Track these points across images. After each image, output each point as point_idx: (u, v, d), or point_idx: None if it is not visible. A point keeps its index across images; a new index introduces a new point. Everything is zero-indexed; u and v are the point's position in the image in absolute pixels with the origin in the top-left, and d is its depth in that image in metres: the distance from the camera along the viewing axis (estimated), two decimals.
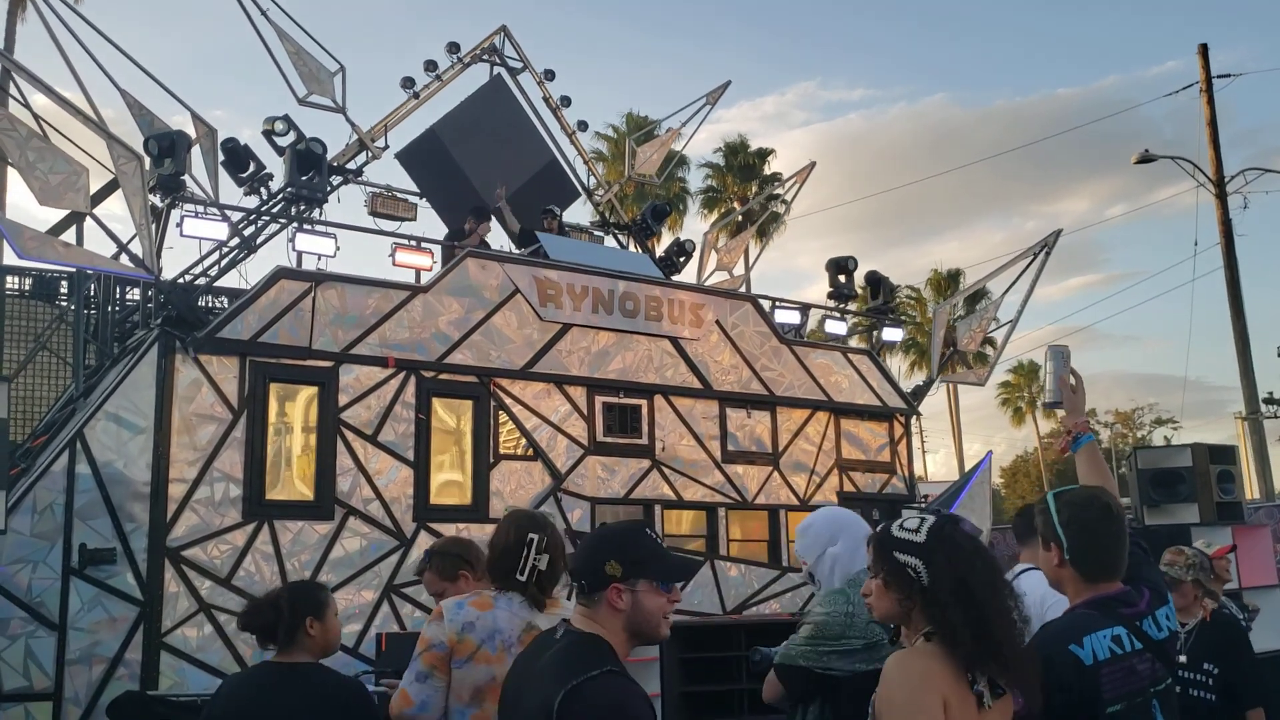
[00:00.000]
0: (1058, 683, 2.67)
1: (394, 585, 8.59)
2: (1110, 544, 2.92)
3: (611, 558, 2.69)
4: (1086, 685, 2.70)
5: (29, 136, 7.36)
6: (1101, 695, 2.70)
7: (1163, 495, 10.42)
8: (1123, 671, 2.75)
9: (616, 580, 2.66)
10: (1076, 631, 2.78)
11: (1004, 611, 2.46)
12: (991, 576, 2.51)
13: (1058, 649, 2.74)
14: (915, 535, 2.53)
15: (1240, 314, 21.08)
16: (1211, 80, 21.51)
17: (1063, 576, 2.96)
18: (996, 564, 2.57)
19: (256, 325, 8.31)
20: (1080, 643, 2.74)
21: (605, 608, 2.66)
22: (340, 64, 10.68)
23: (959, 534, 2.56)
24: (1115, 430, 61.99)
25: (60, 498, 7.54)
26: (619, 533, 2.88)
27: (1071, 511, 2.95)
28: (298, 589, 3.86)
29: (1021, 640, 2.50)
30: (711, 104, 14.34)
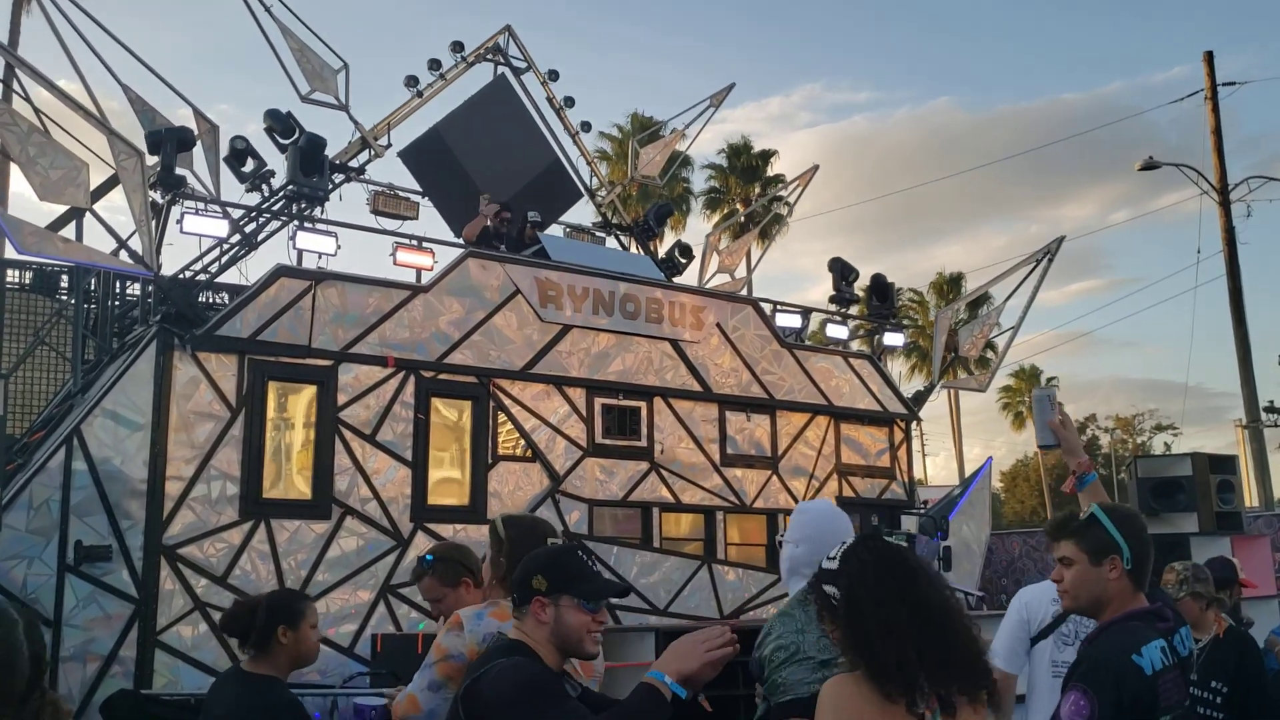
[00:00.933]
0: (1129, 693, 2.71)
1: (390, 585, 8.57)
2: (1150, 554, 3.04)
3: (539, 573, 2.90)
4: (1148, 694, 2.74)
5: (30, 131, 7.33)
6: (1159, 704, 2.75)
7: (1162, 504, 10.39)
8: (1171, 682, 2.81)
9: (540, 594, 2.87)
10: (1136, 642, 2.82)
11: (927, 623, 2.28)
12: (909, 587, 2.33)
13: (1122, 660, 2.77)
14: (833, 563, 2.46)
15: (1242, 322, 21.05)
16: (1216, 88, 21.47)
17: (1114, 590, 2.97)
18: (920, 572, 2.38)
19: (256, 323, 8.29)
20: (1140, 652, 2.79)
21: (530, 619, 2.87)
22: (344, 61, 10.65)
23: (869, 550, 2.43)
24: (1115, 436, 61.96)
25: (56, 494, 7.52)
26: (550, 551, 3.08)
27: (1131, 523, 3.04)
28: (276, 596, 3.96)
29: (964, 648, 2.29)
30: (715, 106, 14.32)
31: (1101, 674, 2.77)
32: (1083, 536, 3.02)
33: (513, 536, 3.53)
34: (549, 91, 13.01)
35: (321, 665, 8.06)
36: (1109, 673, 2.75)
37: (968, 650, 2.29)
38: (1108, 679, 2.74)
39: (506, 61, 12.66)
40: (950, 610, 2.33)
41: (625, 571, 9.71)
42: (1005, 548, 20.69)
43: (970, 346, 13.41)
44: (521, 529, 3.59)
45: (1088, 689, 2.76)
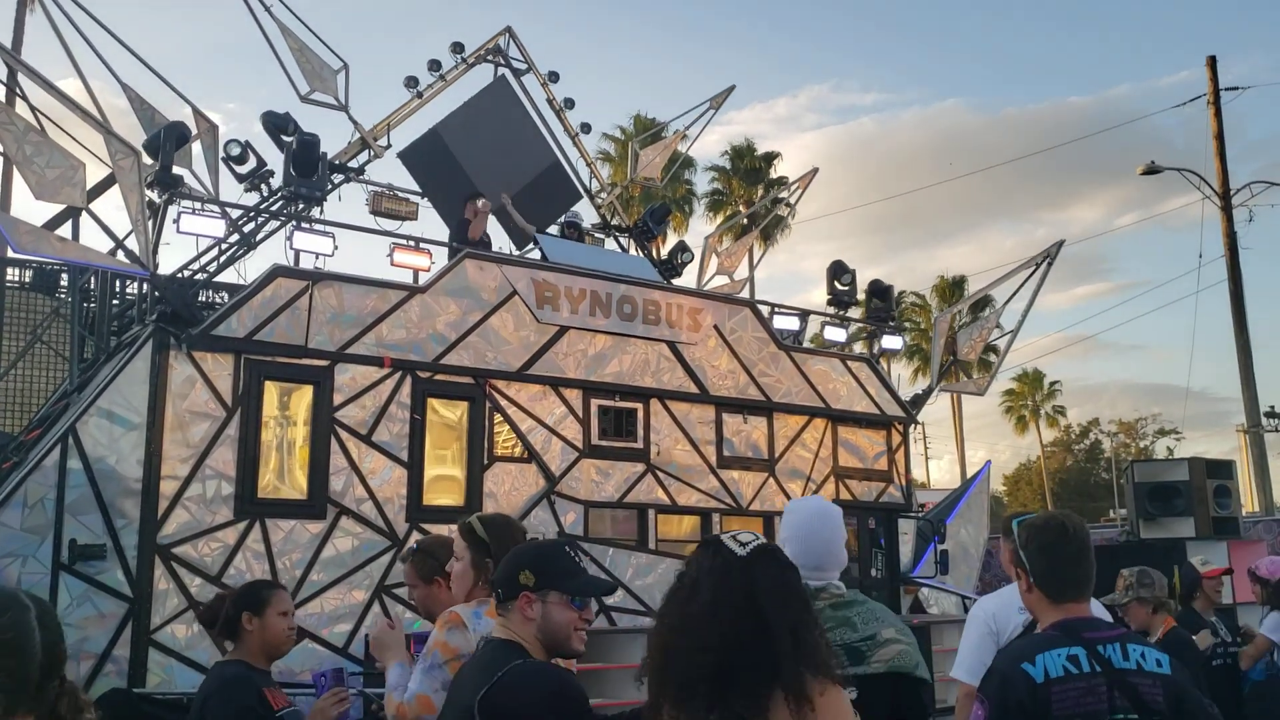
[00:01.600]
0: (1014, 699, 2.78)
1: (385, 586, 8.57)
2: (1069, 563, 3.02)
3: (526, 568, 2.87)
4: (1038, 702, 2.78)
5: (26, 130, 7.35)
6: (1051, 713, 2.77)
7: (1159, 509, 10.42)
8: (1077, 691, 2.80)
9: (528, 589, 2.84)
10: (1031, 650, 2.89)
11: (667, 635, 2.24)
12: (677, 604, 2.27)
13: (1011, 666, 2.86)
14: None
15: (1243, 327, 21.05)
16: (1219, 93, 21.47)
17: (1032, 601, 3.05)
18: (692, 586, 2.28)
19: (252, 323, 8.30)
20: (1033, 660, 2.84)
21: (517, 616, 2.84)
22: (344, 61, 10.68)
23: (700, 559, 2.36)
24: (1118, 440, 61.90)
25: (51, 493, 7.52)
26: (537, 546, 3.07)
27: (1030, 534, 3.08)
28: (246, 586, 4.13)
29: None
30: (716, 108, 14.33)
31: (992, 681, 2.89)
32: (1009, 550, 3.21)
33: (494, 536, 3.52)
34: (549, 93, 13.02)
35: (315, 665, 8.07)
36: (997, 679, 2.87)
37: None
38: (995, 685, 2.86)
39: (507, 62, 12.67)
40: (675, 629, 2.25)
41: (621, 573, 9.72)
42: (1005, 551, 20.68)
43: (969, 349, 13.40)
44: (499, 527, 3.59)
45: (983, 698, 2.88)
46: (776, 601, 2.20)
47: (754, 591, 2.20)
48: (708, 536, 2.44)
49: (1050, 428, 60.12)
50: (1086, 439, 64.91)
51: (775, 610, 2.18)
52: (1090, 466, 63.33)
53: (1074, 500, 53.01)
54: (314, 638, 8.14)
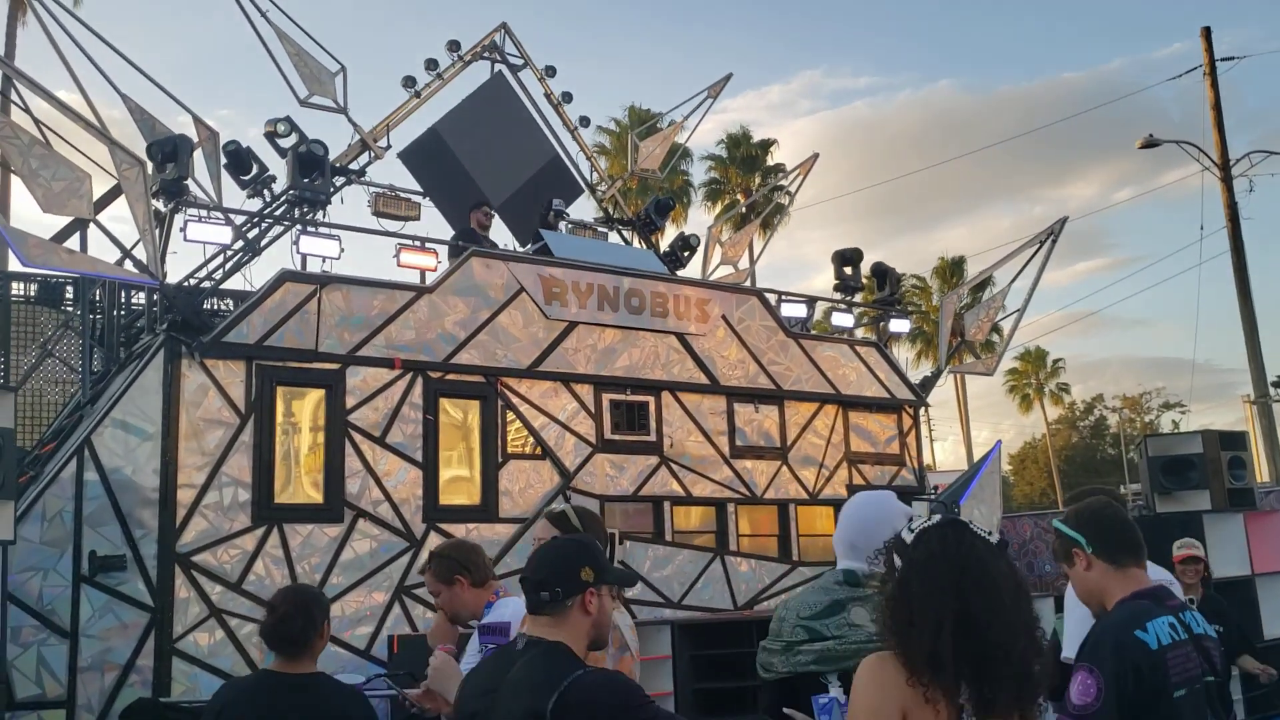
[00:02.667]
0: (1131, 666, 2.73)
1: (405, 587, 8.59)
2: (1124, 524, 3.06)
3: (586, 564, 2.82)
4: (1156, 668, 2.74)
5: (31, 144, 7.34)
6: (1170, 679, 2.75)
7: (1174, 482, 10.38)
8: (1183, 657, 2.81)
9: (591, 585, 2.80)
10: (1140, 618, 2.84)
11: (971, 628, 2.21)
12: (966, 586, 2.25)
13: (1125, 635, 2.80)
14: (910, 535, 2.43)
15: (1247, 297, 21.01)
16: (1215, 63, 21.42)
17: (1096, 579, 3.03)
18: (985, 575, 2.27)
19: (262, 329, 8.29)
20: (1144, 628, 2.80)
21: (576, 613, 2.77)
22: (341, 64, 10.65)
23: (941, 537, 2.36)
24: (1123, 416, 61.90)
25: (69, 505, 7.53)
26: (588, 541, 3.03)
27: (1078, 513, 3.12)
28: (314, 592, 3.96)
29: (1009, 661, 2.21)
30: (713, 97, 14.29)
31: (1105, 651, 2.79)
32: (1056, 552, 3.15)
33: (587, 524, 3.60)
34: (546, 88, 13.00)
35: (339, 667, 8.09)
36: (1112, 648, 2.78)
37: (1013, 664, 2.22)
38: (1110, 654, 2.77)
39: (503, 59, 12.64)
40: (1003, 622, 2.23)
41: (638, 566, 9.73)
42: (1016, 530, 20.66)
43: (976, 330, 13.39)
44: (591, 516, 3.68)
45: (1093, 667, 2.78)
46: (1013, 595, 2.27)
47: (995, 582, 2.27)
48: (949, 517, 2.41)
49: (1055, 406, 60.16)
50: (1091, 415, 64.94)
51: (1015, 607, 2.26)
52: (1096, 443, 63.38)
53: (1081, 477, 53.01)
54: (336, 641, 8.13)
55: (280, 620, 3.68)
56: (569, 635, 2.76)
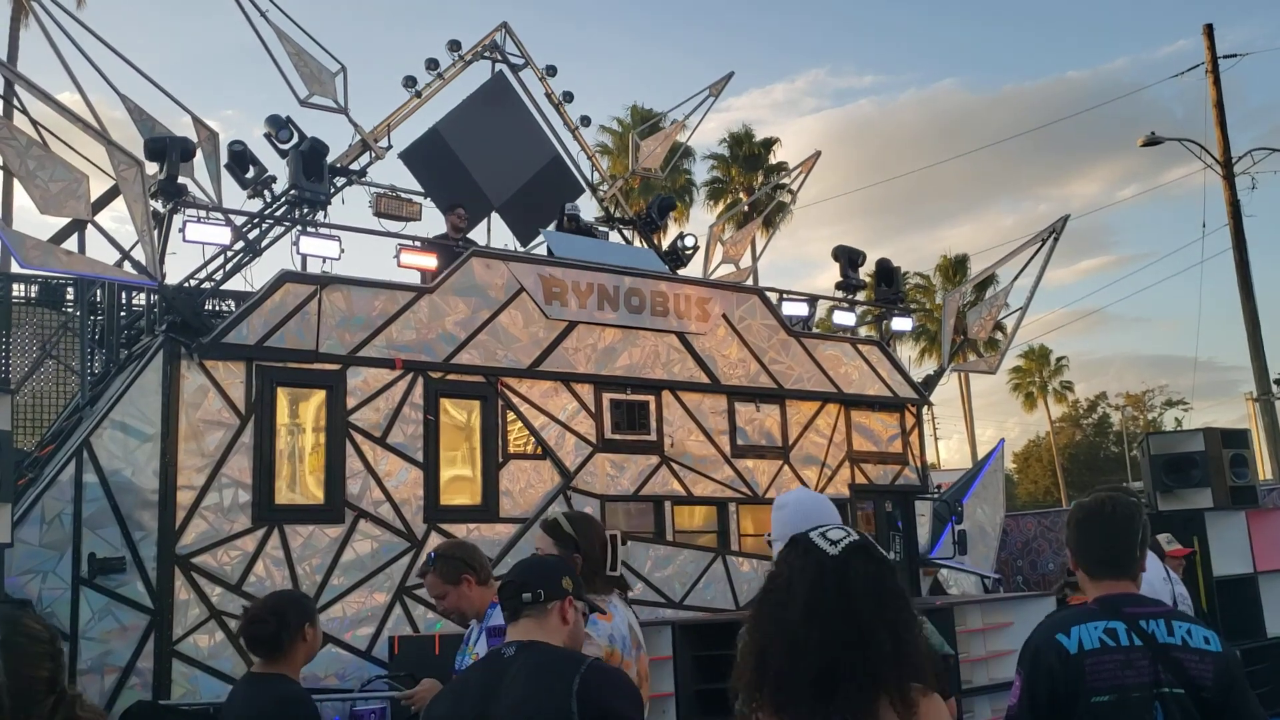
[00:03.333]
0: (1045, 669, 2.82)
1: (406, 587, 8.57)
2: (1106, 541, 3.03)
3: (566, 575, 2.93)
4: (1071, 673, 2.80)
5: (29, 145, 7.32)
6: (1085, 683, 2.78)
7: (1175, 480, 10.37)
8: (1114, 663, 2.80)
9: (570, 595, 2.88)
10: (1066, 623, 2.91)
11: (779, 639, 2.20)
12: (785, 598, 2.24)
13: (1045, 639, 2.89)
14: (779, 545, 2.53)
15: (1250, 295, 20.97)
16: (1217, 61, 21.36)
17: (1080, 580, 3.08)
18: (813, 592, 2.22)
19: (262, 329, 8.27)
20: (1067, 633, 2.86)
21: (555, 619, 2.84)
22: (341, 64, 10.63)
23: (792, 556, 2.34)
24: (1126, 413, 61.82)
25: (68, 507, 7.52)
26: (559, 561, 3.14)
27: (1072, 513, 3.14)
28: (296, 597, 4.01)
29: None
30: (715, 96, 14.25)
31: (1026, 652, 2.92)
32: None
33: (580, 531, 3.58)
34: (547, 87, 12.96)
35: (340, 669, 8.08)
36: (1031, 651, 2.90)
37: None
38: (1029, 657, 2.89)
39: (504, 59, 12.62)
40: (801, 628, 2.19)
41: (639, 566, 9.71)
42: (1020, 528, 20.68)
43: (979, 329, 13.36)
44: (584, 522, 3.66)
45: (1019, 669, 2.92)
46: (873, 602, 2.17)
47: (849, 591, 2.18)
48: (796, 535, 2.37)
49: (1058, 403, 60.10)
50: (1094, 413, 64.85)
51: (872, 611, 2.16)
52: (1099, 440, 63.31)
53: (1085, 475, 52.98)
54: (337, 642, 8.13)
55: (250, 622, 3.75)
56: (551, 640, 2.80)
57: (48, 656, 2.02)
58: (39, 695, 1.98)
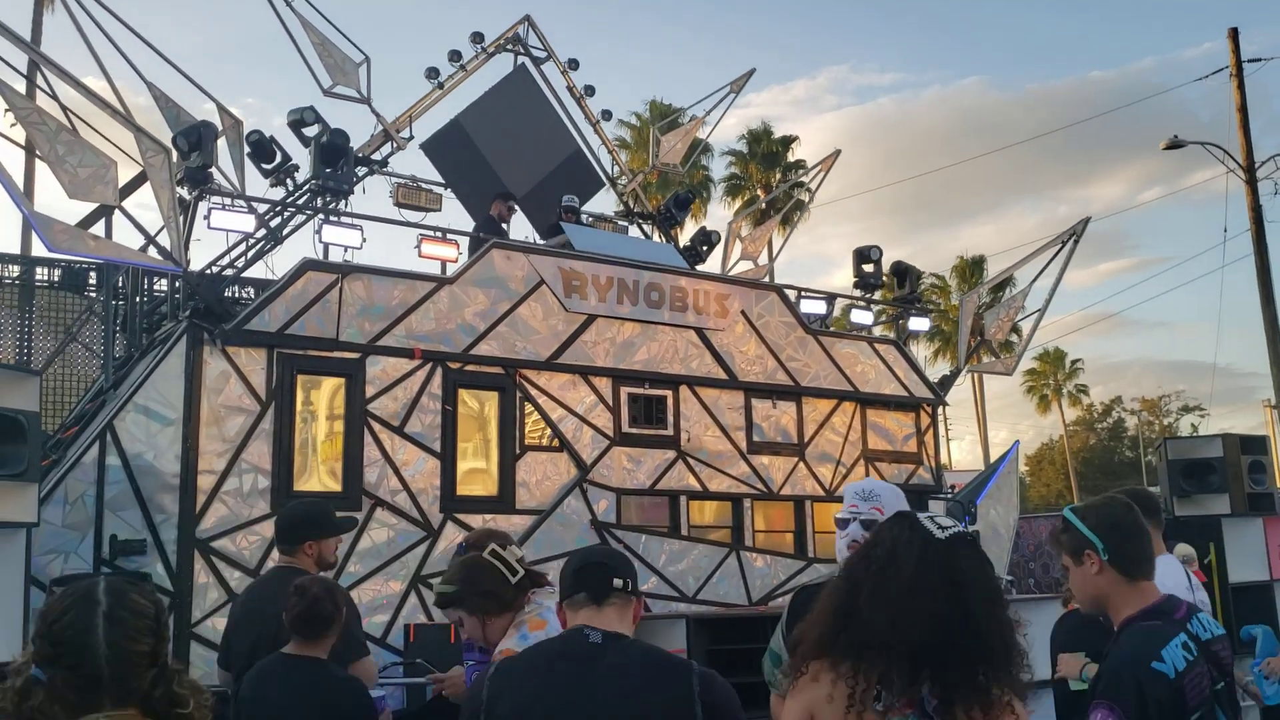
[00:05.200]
0: (1154, 701, 2.65)
1: (421, 576, 8.62)
2: (1143, 536, 2.97)
3: (635, 575, 2.80)
4: (1175, 697, 2.68)
5: (58, 130, 7.39)
6: (1187, 705, 2.69)
7: (1193, 486, 10.31)
8: (1198, 677, 2.74)
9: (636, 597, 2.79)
10: (1154, 645, 2.75)
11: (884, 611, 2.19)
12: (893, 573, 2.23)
13: (1143, 670, 2.70)
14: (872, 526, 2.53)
15: (1270, 301, 20.84)
16: (1241, 64, 21.22)
17: (1103, 585, 2.93)
18: (916, 570, 2.23)
19: (284, 317, 8.34)
20: (1161, 658, 2.71)
21: (630, 618, 2.73)
22: (365, 55, 10.68)
23: (892, 531, 2.36)
24: (1142, 418, 61.55)
25: (91, 489, 7.60)
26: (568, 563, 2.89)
27: (1099, 514, 2.99)
28: (332, 582, 4.00)
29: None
30: (735, 92, 14.26)
31: (1125, 686, 2.70)
32: (1063, 543, 3.02)
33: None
34: (569, 80, 12.99)
35: None
36: (1132, 684, 2.69)
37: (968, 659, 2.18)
38: (1131, 690, 2.68)
39: (526, 51, 12.65)
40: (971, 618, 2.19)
41: (653, 560, 9.75)
42: (1032, 531, 20.62)
43: (996, 330, 13.34)
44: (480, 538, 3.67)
45: (1113, 704, 2.70)
46: (980, 593, 2.19)
47: (957, 579, 2.19)
48: (903, 510, 2.37)
49: (1073, 407, 59.84)
50: (1109, 417, 64.59)
51: (981, 604, 2.18)
52: (1114, 445, 63.05)
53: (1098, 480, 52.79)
54: None
55: (312, 602, 3.74)
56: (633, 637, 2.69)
57: (149, 631, 2.07)
58: (140, 668, 2.03)
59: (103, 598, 2.06)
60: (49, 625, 2.04)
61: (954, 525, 2.30)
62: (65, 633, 2.02)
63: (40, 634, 2.05)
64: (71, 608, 2.05)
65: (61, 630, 2.02)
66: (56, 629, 2.03)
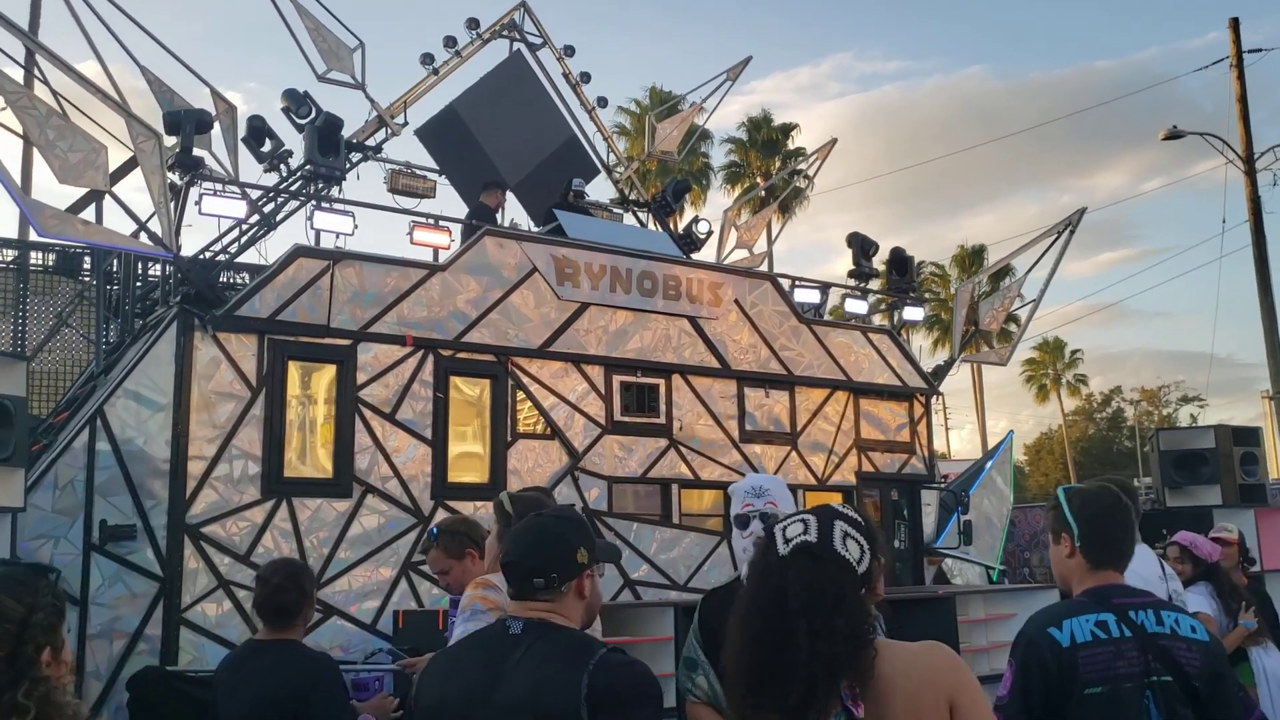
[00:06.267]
0: (1037, 661, 2.85)
1: (412, 563, 8.63)
2: (1118, 532, 3.07)
3: (581, 545, 2.61)
4: (1064, 666, 2.83)
5: (49, 114, 7.36)
6: (1079, 675, 2.81)
7: (1185, 477, 10.36)
8: (1105, 655, 2.84)
9: (587, 567, 2.61)
10: (1058, 616, 2.94)
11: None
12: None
13: (1038, 632, 2.91)
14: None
15: (1268, 291, 20.82)
16: (1242, 55, 21.17)
17: (1071, 567, 3.06)
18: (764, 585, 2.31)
19: (275, 303, 8.33)
20: (1059, 625, 2.89)
21: (571, 598, 2.57)
22: (360, 40, 10.64)
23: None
24: (1140, 408, 61.53)
25: (81, 474, 7.61)
26: (577, 516, 2.81)
27: (1083, 501, 3.10)
28: (301, 566, 4.02)
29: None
30: (732, 80, 14.22)
31: (1019, 645, 2.95)
32: (1050, 518, 3.16)
33: (520, 511, 3.54)
34: (565, 67, 12.95)
35: (344, 641, 8.16)
36: (1024, 642, 2.93)
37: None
38: (1022, 649, 2.92)
39: (522, 37, 12.61)
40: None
41: (645, 548, 9.76)
42: (1028, 520, 20.68)
43: (991, 320, 13.33)
44: (528, 503, 3.60)
45: (1010, 660, 2.95)
46: (804, 608, 2.22)
47: (782, 597, 2.24)
48: (769, 525, 2.39)
49: (1072, 396, 59.86)
50: (1108, 407, 64.57)
51: (802, 620, 2.21)
52: (1113, 435, 63.03)
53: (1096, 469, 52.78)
54: (342, 614, 8.21)
55: (274, 590, 3.75)
56: (566, 619, 2.56)
57: (9, 638, 2.01)
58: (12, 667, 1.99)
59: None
60: None
61: (801, 535, 2.31)
62: None
63: None
64: None
65: None
66: None
